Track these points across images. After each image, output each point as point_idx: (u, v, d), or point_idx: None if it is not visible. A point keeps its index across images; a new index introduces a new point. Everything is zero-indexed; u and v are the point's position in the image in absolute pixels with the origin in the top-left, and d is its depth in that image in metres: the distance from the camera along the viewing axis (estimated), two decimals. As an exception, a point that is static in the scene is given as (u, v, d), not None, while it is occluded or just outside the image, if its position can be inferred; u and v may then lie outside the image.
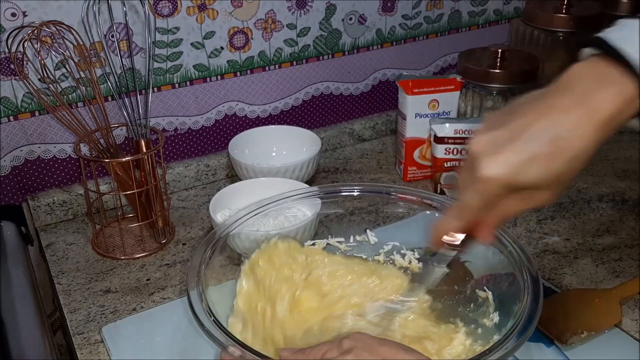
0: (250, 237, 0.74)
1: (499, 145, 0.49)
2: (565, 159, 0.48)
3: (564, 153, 0.47)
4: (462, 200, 0.53)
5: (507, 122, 0.50)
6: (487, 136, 0.50)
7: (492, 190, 0.50)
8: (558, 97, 0.49)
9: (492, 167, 0.49)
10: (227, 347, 0.54)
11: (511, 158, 0.48)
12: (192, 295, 0.60)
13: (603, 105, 0.47)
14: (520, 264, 0.63)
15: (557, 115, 0.48)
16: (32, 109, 0.90)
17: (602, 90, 0.47)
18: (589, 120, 0.47)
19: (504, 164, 0.49)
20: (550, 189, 0.50)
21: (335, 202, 0.78)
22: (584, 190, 1.00)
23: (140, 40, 0.93)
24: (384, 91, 1.19)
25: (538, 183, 0.49)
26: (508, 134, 0.49)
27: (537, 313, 0.57)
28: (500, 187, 0.50)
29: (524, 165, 0.48)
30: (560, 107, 0.48)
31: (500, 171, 0.49)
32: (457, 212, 0.55)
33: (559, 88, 0.49)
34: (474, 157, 0.50)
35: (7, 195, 0.94)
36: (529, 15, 1.17)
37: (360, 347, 0.51)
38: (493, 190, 0.50)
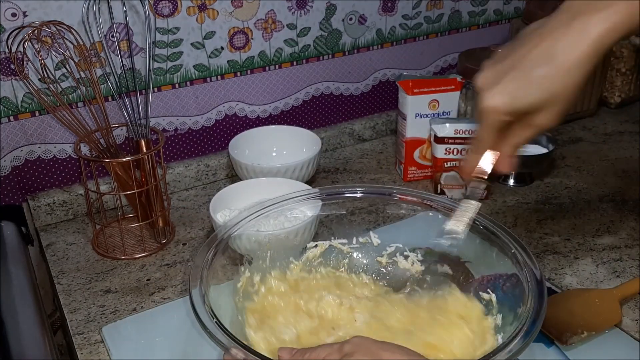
0: (251, 238, 0.74)
1: (500, 77, 0.54)
2: (560, 77, 0.52)
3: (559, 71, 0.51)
4: (477, 134, 0.58)
5: (510, 54, 0.54)
6: (490, 70, 0.55)
7: (497, 119, 0.55)
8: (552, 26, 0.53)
9: (492, 98, 0.54)
10: (230, 349, 0.54)
11: (509, 86, 0.53)
12: (194, 296, 0.60)
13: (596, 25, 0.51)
14: (523, 266, 0.63)
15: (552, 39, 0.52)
16: (32, 109, 0.90)
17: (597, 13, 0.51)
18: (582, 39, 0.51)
19: (503, 93, 0.53)
20: (551, 109, 0.54)
21: (335, 202, 0.78)
22: (584, 190, 1.00)
23: (141, 40, 0.93)
24: (384, 91, 1.19)
25: (537, 104, 0.53)
26: (508, 64, 0.54)
27: (542, 315, 0.57)
28: (503, 114, 0.54)
29: (521, 90, 0.53)
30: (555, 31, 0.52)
31: (500, 100, 0.53)
32: (476, 146, 0.59)
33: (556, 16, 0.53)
34: (479, 90, 0.55)
35: (7, 195, 0.94)
36: (529, 15, 1.17)
37: (361, 352, 0.51)
38: (498, 118, 0.55)
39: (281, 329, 0.66)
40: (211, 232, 0.91)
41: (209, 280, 0.64)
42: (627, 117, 1.24)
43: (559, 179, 1.03)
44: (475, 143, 0.60)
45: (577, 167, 1.07)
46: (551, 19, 0.54)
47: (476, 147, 0.60)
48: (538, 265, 0.63)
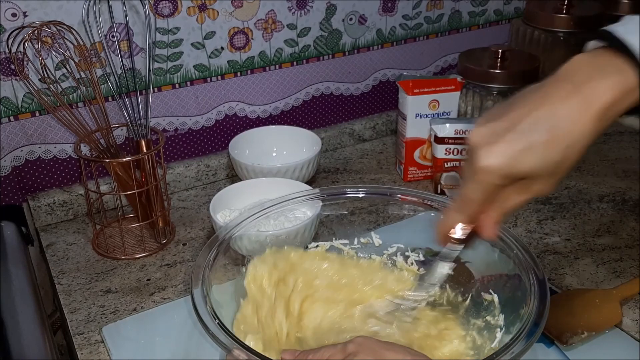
0: (252, 239, 0.74)
1: (497, 136, 0.49)
2: (562, 147, 0.48)
3: (561, 141, 0.48)
4: (464, 193, 0.53)
5: (506, 113, 0.50)
6: (485, 127, 0.51)
7: (491, 180, 0.50)
8: (556, 87, 0.49)
9: (489, 158, 0.49)
10: (232, 350, 0.54)
11: (508, 148, 0.49)
12: (196, 297, 0.60)
13: (601, 95, 0.47)
14: (526, 266, 0.63)
15: (555, 104, 0.48)
16: (32, 109, 0.90)
17: (601, 79, 0.48)
18: (586, 109, 0.47)
19: (501, 154, 0.49)
20: (548, 178, 0.50)
21: (336, 203, 0.78)
22: (584, 190, 1.00)
23: (141, 40, 0.93)
24: (384, 91, 1.19)
25: (535, 172, 0.49)
26: (506, 124, 0.49)
27: (545, 316, 0.57)
28: (499, 177, 0.50)
29: (521, 155, 0.49)
30: (558, 96, 0.48)
31: (497, 161, 0.49)
32: (460, 205, 0.54)
33: (558, 78, 0.50)
34: (473, 148, 0.51)
35: (7, 195, 0.94)
36: (529, 15, 1.17)
37: (364, 352, 0.51)
38: (492, 181, 0.50)
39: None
40: (211, 232, 0.91)
41: (211, 281, 0.64)
42: (627, 117, 1.24)
43: (559, 179, 1.03)
44: (459, 202, 0.54)
45: (577, 167, 1.07)
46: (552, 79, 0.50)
47: (460, 207, 0.54)
48: (541, 266, 0.63)
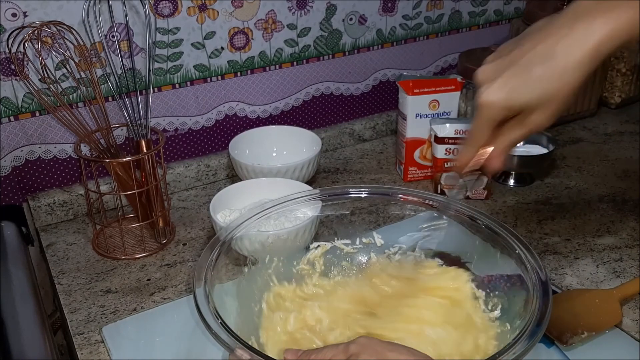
0: (252, 239, 0.74)
1: (499, 72, 0.54)
2: (556, 79, 0.52)
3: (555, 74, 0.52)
4: (472, 128, 0.58)
5: (511, 49, 0.55)
6: (490, 65, 0.55)
7: (493, 114, 0.55)
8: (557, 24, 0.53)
9: (489, 93, 0.54)
10: (235, 349, 0.54)
11: (507, 82, 0.53)
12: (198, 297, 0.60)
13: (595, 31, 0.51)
14: (529, 267, 0.63)
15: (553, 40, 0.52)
16: (32, 109, 0.90)
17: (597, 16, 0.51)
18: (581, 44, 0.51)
19: (500, 89, 0.53)
20: (544, 109, 0.54)
21: (336, 203, 0.78)
22: (585, 190, 1.00)
23: (141, 40, 0.93)
24: (384, 91, 1.19)
25: (532, 103, 0.53)
26: (509, 60, 0.54)
27: (547, 317, 0.57)
28: (499, 109, 0.54)
29: (518, 87, 0.53)
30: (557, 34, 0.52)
31: (497, 95, 0.54)
32: (469, 140, 0.60)
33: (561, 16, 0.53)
34: (478, 85, 0.55)
35: (7, 196, 0.94)
36: (530, 15, 1.17)
37: (367, 352, 0.50)
38: (493, 114, 0.55)
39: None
40: (211, 232, 0.92)
41: (213, 281, 0.64)
42: (628, 117, 1.24)
43: (559, 179, 1.03)
44: (468, 138, 0.60)
45: (577, 168, 1.06)
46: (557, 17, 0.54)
47: (470, 141, 0.60)
48: (544, 267, 0.63)
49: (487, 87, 0.54)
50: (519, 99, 0.53)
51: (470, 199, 0.98)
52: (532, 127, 0.56)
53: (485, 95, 0.54)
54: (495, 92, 0.54)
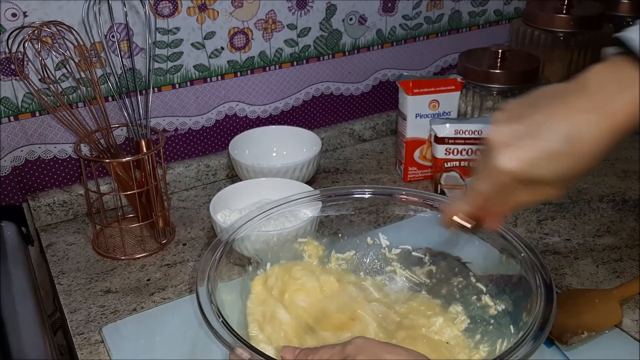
0: (252, 239, 0.74)
1: (517, 139, 0.51)
2: (578, 158, 0.50)
3: (577, 153, 0.49)
4: (475, 186, 0.56)
5: (527, 116, 0.52)
6: (506, 128, 0.52)
7: (505, 180, 0.53)
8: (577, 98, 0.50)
9: (508, 160, 0.51)
10: (235, 348, 0.54)
11: (527, 153, 0.51)
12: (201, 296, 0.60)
13: (620, 109, 0.48)
14: (532, 269, 0.63)
15: (574, 116, 0.49)
16: (32, 109, 0.90)
17: (620, 93, 0.48)
18: (605, 123, 0.48)
19: (520, 159, 0.51)
20: (559, 185, 0.53)
21: (336, 203, 0.78)
22: (584, 190, 1.00)
23: (141, 40, 0.93)
24: (384, 91, 1.19)
25: (549, 179, 0.51)
26: (526, 129, 0.51)
27: (551, 319, 0.56)
28: (513, 179, 0.52)
29: (538, 162, 0.50)
30: (578, 108, 0.49)
31: (515, 164, 0.51)
32: (469, 196, 0.57)
33: (579, 88, 0.51)
34: (492, 146, 0.53)
35: (7, 196, 0.94)
36: (529, 15, 1.17)
37: (363, 354, 0.50)
38: (505, 181, 0.53)
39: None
40: (211, 232, 0.92)
41: (216, 279, 0.64)
42: (627, 118, 1.24)
43: (559, 179, 1.03)
44: (470, 192, 0.57)
45: (577, 168, 1.06)
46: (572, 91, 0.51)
47: (470, 196, 0.57)
48: (547, 268, 0.62)
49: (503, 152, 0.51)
50: (535, 173, 0.51)
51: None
52: (544, 198, 0.54)
53: (502, 161, 0.51)
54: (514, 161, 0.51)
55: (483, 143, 0.54)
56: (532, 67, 1.04)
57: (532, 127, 0.51)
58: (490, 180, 0.54)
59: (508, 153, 0.51)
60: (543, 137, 0.50)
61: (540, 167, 0.50)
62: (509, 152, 0.51)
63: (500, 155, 0.51)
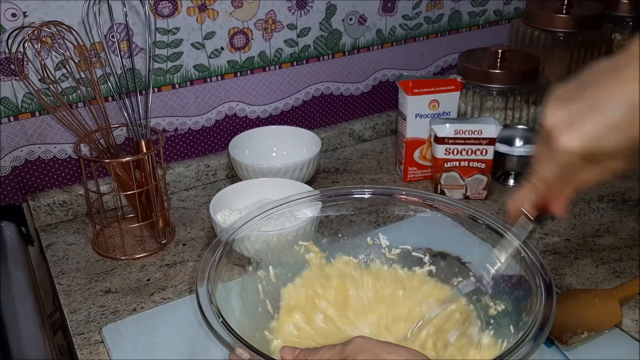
0: (252, 239, 0.74)
1: (576, 117, 0.50)
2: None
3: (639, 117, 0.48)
4: (539, 173, 0.55)
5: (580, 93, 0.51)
6: (562, 109, 0.51)
7: (571, 161, 0.51)
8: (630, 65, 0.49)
9: (571, 139, 0.50)
10: (235, 348, 0.54)
11: (589, 128, 0.49)
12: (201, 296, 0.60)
13: None
14: (532, 269, 0.63)
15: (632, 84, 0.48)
16: (32, 109, 0.90)
17: None
18: None
19: (583, 135, 0.50)
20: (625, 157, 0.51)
21: (336, 203, 0.78)
22: (584, 190, 1.00)
23: (141, 40, 0.93)
24: (384, 91, 1.19)
25: (617, 151, 0.50)
26: (583, 105, 0.50)
27: (551, 319, 0.56)
28: (580, 158, 0.51)
29: (603, 135, 0.49)
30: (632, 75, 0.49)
31: (579, 142, 0.50)
32: (534, 184, 0.56)
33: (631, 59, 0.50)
34: (550, 131, 0.51)
35: (7, 196, 0.94)
36: (529, 15, 1.17)
37: (363, 353, 0.50)
38: (572, 162, 0.51)
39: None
40: (211, 232, 0.92)
41: (216, 280, 0.64)
42: (627, 118, 1.24)
43: (559, 179, 1.03)
44: (534, 180, 0.56)
45: (577, 168, 1.06)
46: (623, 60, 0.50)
47: (535, 184, 0.56)
48: (548, 269, 0.62)
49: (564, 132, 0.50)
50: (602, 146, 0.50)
51: (470, 199, 0.98)
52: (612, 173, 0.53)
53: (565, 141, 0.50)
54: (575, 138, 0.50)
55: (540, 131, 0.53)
56: (532, 67, 1.04)
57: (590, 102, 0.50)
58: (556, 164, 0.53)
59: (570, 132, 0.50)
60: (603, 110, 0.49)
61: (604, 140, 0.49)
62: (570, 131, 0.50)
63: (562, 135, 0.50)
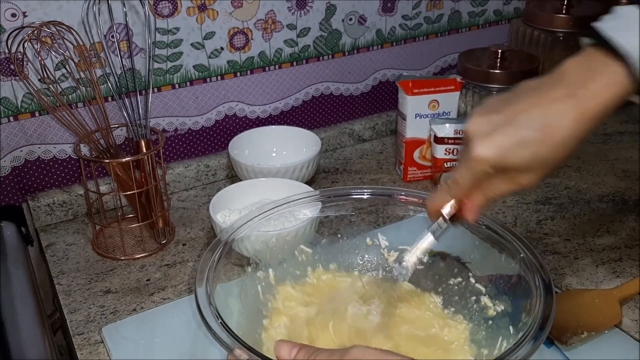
0: (251, 239, 0.74)
1: (493, 128, 0.53)
2: (552, 145, 0.51)
3: (551, 140, 0.51)
4: (455, 176, 0.57)
5: (504, 107, 0.53)
6: (483, 118, 0.54)
7: (482, 168, 0.54)
8: (552, 88, 0.52)
9: (483, 148, 0.53)
10: (234, 349, 0.54)
11: (502, 141, 0.52)
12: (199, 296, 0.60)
13: (592, 97, 0.50)
14: (532, 269, 0.63)
15: (549, 105, 0.51)
16: (32, 109, 0.90)
17: (593, 82, 0.50)
18: (578, 111, 0.50)
19: (494, 146, 0.53)
20: (536, 172, 0.54)
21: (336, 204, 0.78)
22: (584, 190, 1.00)
23: (141, 40, 0.93)
24: (384, 91, 1.19)
25: (525, 165, 0.53)
26: (502, 118, 0.53)
27: (551, 319, 0.56)
28: (489, 166, 0.54)
29: (513, 149, 0.52)
30: (552, 97, 0.51)
31: (490, 152, 0.53)
32: (450, 187, 0.59)
33: (555, 79, 0.53)
34: (469, 136, 0.54)
35: (7, 196, 0.94)
36: (529, 15, 1.17)
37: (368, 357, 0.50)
38: (482, 169, 0.54)
39: None
40: (211, 233, 0.92)
41: (215, 280, 0.64)
42: (627, 118, 1.24)
43: (559, 179, 1.03)
44: (450, 184, 0.59)
45: (577, 167, 1.07)
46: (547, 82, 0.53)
47: (450, 188, 0.59)
48: (547, 269, 0.62)
49: (479, 141, 0.53)
50: (511, 159, 0.53)
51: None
52: (520, 187, 0.55)
53: (477, 149, 0.53)
54: (488, 148, 0.53)
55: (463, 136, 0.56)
56: (531, 67, 1.04)
57: (507, 116, 0.53)
58: (469, 170, 0.55)
59: (484, 142, 0.53)
60: (518, 125, 0.52)
61: (514, 154, 0.52)
62: (484, 140, 0.53)
63: (477, 144, 0.53)
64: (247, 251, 0.74)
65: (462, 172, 0.56)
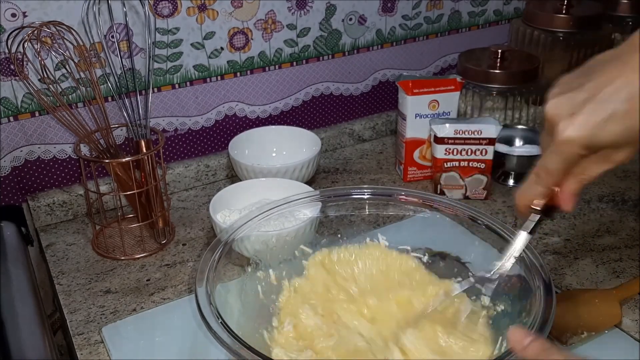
0: (251, 239, 0.74)
1: (577, 107, 0.50)
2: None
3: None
4: (543, 164, 0.54)
5: (582, 83, 0.50)
6: (563, 98, 0.51)
7: (573, 151, 0.51)
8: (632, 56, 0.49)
9: (571, 129, 0.50)
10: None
11: (590, 118, 0.49)
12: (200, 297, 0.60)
13: None
14: (532, 269, 0.63)
15: (632, 74, 0.48)
16: (32, 109, 0.90)
17: None
18: None
19: (583, 125, 0.49)
20: (629, 146, 0.51)
21: (336, 204, 0.78)
22: (584, 190, 0.99)
23: (141, 40, 0.93)
24: (384, 91, 1.19)
25: (617, 141, 0.50)
26: (584, 95, 0.50)
27: (551, 319, 0.56)
28: (581, 148, 0.50)
29: (603, 125, 0.49)
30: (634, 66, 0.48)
31: (579, 132, 0.49)
32: (540, 177, 0.55)
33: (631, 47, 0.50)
34: (552, 120, 0.51)
35: (7, 196, 0.94)
36: (529, 15, 1.17)
37: None
38: (573, 152, 0.51)
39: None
40: (211, 233, 0.92)
41: (215, 280, 0.64)
42: (627, 118, 1.24)
43: (559, 179, 1.03)
44: (539, 174, 0.55)
45: (577, 168, 1.06)
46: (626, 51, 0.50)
47: (540, 178, 0.55)
48: (547, 269, 0.62)
49: (565, 123, 0.50)
50: (602, 137, 0.49)
51: (470, 199, 0.98)
52: (615, 164, 0.53)
53: (567, 131, 0.50)
54: (579, 128, 0.49)
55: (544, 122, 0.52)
56: (532, 67, 1.04)
57: (589, 91, 0.49)
58: (559, 155, 0.52)
59: (571, 122, 0.50)
60: (603, 100, 0.49)
61: (605, 130, 0.49)
62: (571, 121, 0.50)
63: (563, 126, 0.50)
64: (247, 251, 0.74)
65: (550, 158, 0.53)
